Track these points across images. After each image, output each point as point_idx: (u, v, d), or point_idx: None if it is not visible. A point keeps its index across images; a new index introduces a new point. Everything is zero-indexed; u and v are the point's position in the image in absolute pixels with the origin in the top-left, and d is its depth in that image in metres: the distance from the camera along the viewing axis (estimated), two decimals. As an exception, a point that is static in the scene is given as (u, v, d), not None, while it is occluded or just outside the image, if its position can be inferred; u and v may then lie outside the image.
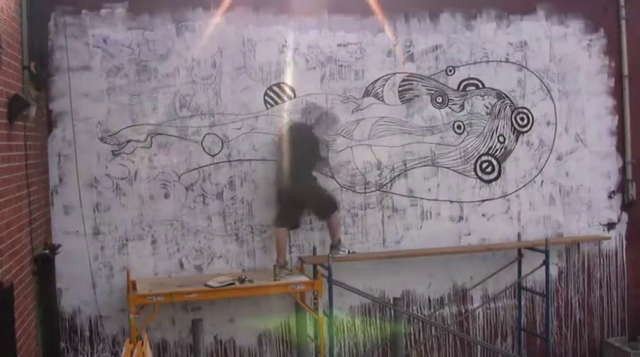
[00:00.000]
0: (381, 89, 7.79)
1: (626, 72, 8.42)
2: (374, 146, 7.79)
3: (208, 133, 7.37)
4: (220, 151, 7.40)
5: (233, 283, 6.88)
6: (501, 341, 8.29)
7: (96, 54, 7.09)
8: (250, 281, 6.95)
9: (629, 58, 8.41)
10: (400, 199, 7.89)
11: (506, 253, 8.08)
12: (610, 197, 8.50)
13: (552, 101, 8.27)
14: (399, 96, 7.85)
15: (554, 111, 8.28)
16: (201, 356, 6.82)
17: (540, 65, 8.21)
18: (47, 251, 6.48)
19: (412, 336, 8.04)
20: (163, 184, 7.29)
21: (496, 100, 8.11)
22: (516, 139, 8.19)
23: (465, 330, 8.18)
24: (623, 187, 8.52)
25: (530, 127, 8.21)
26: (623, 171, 8.52)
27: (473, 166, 8.08)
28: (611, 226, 8.52)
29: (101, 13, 7.09)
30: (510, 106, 8.16)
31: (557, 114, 8.29)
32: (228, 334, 7.51)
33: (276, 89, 7.53)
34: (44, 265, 6.32)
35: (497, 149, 8.15)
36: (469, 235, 8.08)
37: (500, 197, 8.16)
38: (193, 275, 7.31)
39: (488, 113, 8.09)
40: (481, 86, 8.06)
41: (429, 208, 7.97)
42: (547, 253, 7.66)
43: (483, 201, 8.12)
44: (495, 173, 8.15)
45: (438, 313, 8.05)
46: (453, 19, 7.98)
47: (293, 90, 7.57)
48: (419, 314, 7.95)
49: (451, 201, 8.03)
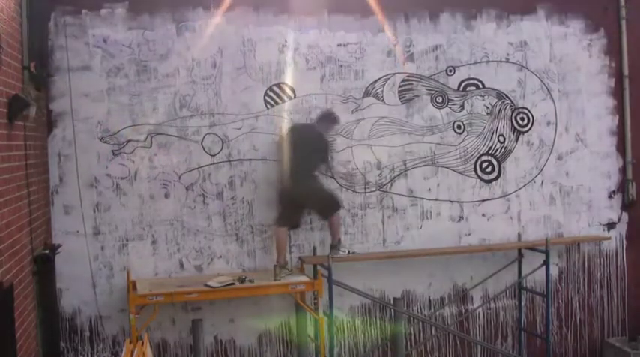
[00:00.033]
0: (381, 89, 7.79)
1: (626, 72, 8.42)
2: (374, 146, 7.80)
3: (208, 133, 7.37)
4: (220, 151, 7.40)
5: (233, 283, 6.88)
6: (501, 341, 8.29)
7: (96, 54, 7.09)
8: (250, 281, 6.95)
9: (629, 58, 8.41)
10: (400, 199, 7.89)
11: (506, 253, 8.08)
12: (610, 197, 8.50)
13: (552, 101, 8.27)
14: (399, 96, 7.85)
15: (555, 111, 8.28)
16: (201, 356, 6.82)
17: (540, 65, 8.21)
18: (47, 251, 6.47)
19: (412, 336, 8.03)
20: (163, 184, 7.29)
21: (496, 100, 8.11)
22: (516, 139, 8.19)
23: (465, 330, 8.18)
24: (623, 187, 8.52)
25: (531, 127, 8.21)
26: (623, 171, 8.52)
27: (473, 166, 8.08)
28: (611, 226, 8.52)
29: (101, 13, 7.09)
30: (510, 106, 8.15)
31: (558, 114, 8.28)
32: (228, 334, 7.51)
33: (276, 89, 7.53)
34: (44, 265, 6.32)
35: (497, 149, 8.15)
36: (469, 235, 8.08)
37: (501, 197, 8.16)
38: (193, 275, 7.31)
39: (488, 113, 8.09)
40: (481, 86, 8.06)
41: (429, 208, 7.97)
42: (547, 253, 7.66)
43: (483, 201, 8.12)
44: (495, 173, 8.15)
45: (438, 313, 8.05)
46: (453, 19, 7.98)
47: (293, 90, 7.57)
48: (419, 314, 7.95)
49: (451, 201, 8.03)
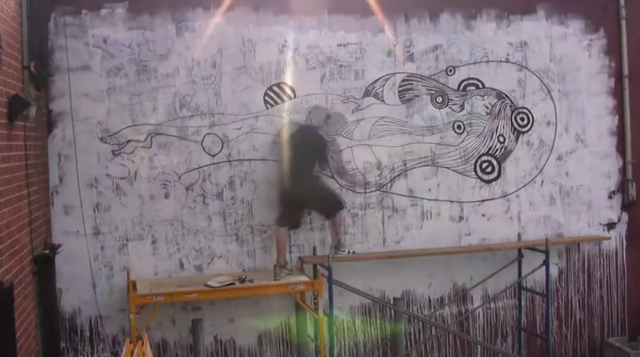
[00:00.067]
0: (381, 89, 7.78)
1: (626, 72, 8.42)
2: (374, 146, 7.79)
3: (208, 133, 7.36)
4: (220, 151, 7.40)
5: (233, 283, 6.88)
6: (501, 341, 8.29)
7: (96, 54, 7.09)
8: (250, 281, 6.95)
9: (629, 58, 8.41)
10: (400, 199, 7.89)
11: (506, 253, 8.07)
12: (610, 197, 8.50)
13: (552, 101, 8.27)
14: (399, 96, 7.85)
15: (555, 111, 8.28)
16: (201, 356, 6.82)
17: (540, 65, 8.21)
18: (47, 251, 6.47)
19: (412, 336, 8.03)
20: (163, 184, 7.29)
21: (496, 100, 8.10)
22: (516, 139, 8.19)
23: (465, 330, 8.18)
24: (623, 187, 8.52)
25: (531, 127, 8.21)
26: (623, 171, 8.51)
27: (473, 166, 8.08)
28: (611, 226, 8.52)
29: (101, 13, 7.09)
30: (510, 106, 8.15)
31: (558, 114, 8.28)
32: (228, 334, 7.51)
33: (276, 89, 7.53)
34: (44, 265, 6.32)
35: (497, 149, 8.15)
36: (469, 235, 8.08)
37: (501, 197, 8.16)
38: (193, 275, 7.31)
39: (488, 113, 8.09)
40: (481, 86, 8.05)
41: (429, 208, 7.97)
42: (547, 253, 7.66)
43: (483, 201, 8.12)
44: (495, 173, 8.15)
45: (438, 313, 8.05)
46: (453, 19, 7.97)
47: (293, 90, 7.56)
48: (419, 314, 7.95)
49: (451, 201, 8.03)
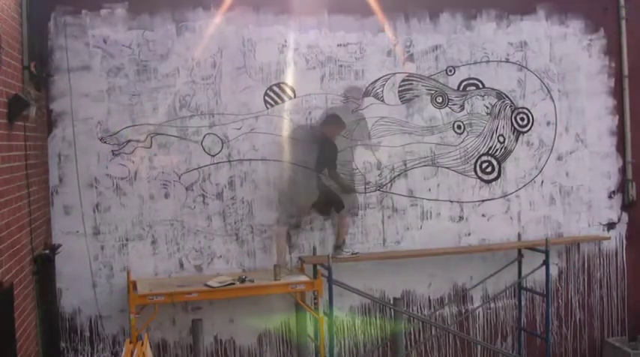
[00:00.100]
0: (381, 89, 7.78)
1: (626, 72, 8.42)
2: (374, 146, 7.79)
3: (208, 133, 7.36)
4: (220, 151, 7.40)
5: (233, 283, 6.88)
6: (501, 341, 8.28)
7: (96, 54, 7.09)
8: (250, 281, 6.95)
9: (629, 58, 8.41)
10: (400, 199, 7.89)
11: (506, 253, 8.07)
12: (610, 197, 8.50)
13: (552, 101, 8.27)
14: (399, 96, 7.84)
15: (555, 111, 8.28)
16: (201, 356, 6.82)
17: (540, 65, 8.21)
18: (47, 251, 6.48)
19: (412, 336, 8.03)
20: (163, 184, 7.29)
21: (496, 100, 8.10)
22: (516, 139, 8.19)
23: (465, 330, 8.18)
24: (623, 187, 8.52)
25: (531, 127, 8.21)
26: (623, 171, 8.51)
27: (473, 166, 8.08)
28: (611, 226, 8.52)
29: (101, 13, 7.09)
30: (510, 106, 8.15)
31: (558, 114, 8.28)
32: (228, 334, 7.51)
33: (276, 89, 7.53)
34: (44, 265, 6.32)
35: (497, 149, 8.15)
36: (469, 235, 8.07)
37: (501, 197, 8.16)
38: (193, 275, 7.31)
39: (488, 113, 8.09)
40: (481, 86, 8.05)
41: (429, 208, 7.97)
42: (547, 253, 7.66)
43: (483, 201, 8.12)
44: (495, 173, 8.15)
45: (438, 313, 8.05)
46: (453, 19, 7.97)
47: (293, 90, 7.56)
48: (419, 314, 7.95)
49: (451, 201, 8.03)
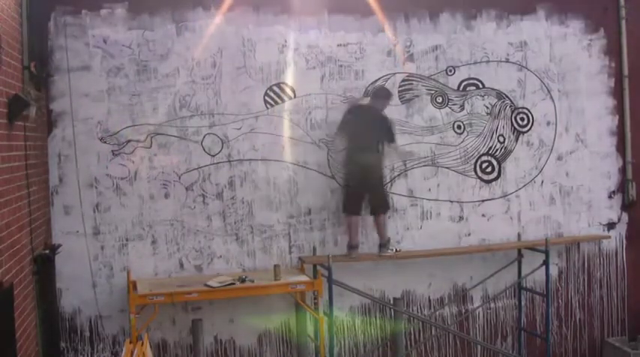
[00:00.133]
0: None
1: (626, 72, 8.42)
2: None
3: (208, 133, 7.36)
4: (220, 151, 7.40)
5: (233, 283, 6.88)
6: (501, 341, 8.28)
7: (96, 54, 7.09)
8: (250, 281, 6.95)
9: (629, 58, 8.41)
10: (400, 199, 7.89)
11: (506, 253, 8.07)
12: (610, 197, 8.50)
13: (552, 101, 8.27)
14: (399, 96, 7.84)
15: (555, 111, 8.28)
16: (201, 356, 6.82)
17: (540, 65, 8.21)
18: (47, 251, 6.48)
19: (412, 336, 8.03)
20: (163, 184, 7.29)
21: (496, 100, 8.10)
22: (516, 139, 8.18)
23: (465, 330, 8.18)
24: (623, 187, 8.52)
25: (530, 127, 8.21)
26: (623, 171, 8.51)
27: (473, 166, 8.08)
28: (611, 226, 8.51)
29: (101, 13, 7.09)
30: (510, 106, 8.15)
31: (557, 114, 8.28)
32: (228, 334, 7.50)
33: (276, 89, 7.53)
34: (44, 265, 6.32)
35: (497, 149, 8.15)
36: (469, 235, 8.07)
37: (501, 197, 8.16)
38: (193, 275, 7.31)
39: (488, 113, 8.09)
40: (481, 86, 8.05)
41: (429, 209, 7.97)
42: (547, 253, 7.66)
43: (483, 201, 8.12)
44: (495, 173, 8.15)
45: (438, 313, 8.05)
46: (453, 19, 7.97)
47: (293, 90, 7.56)
48: (419, 314, 7.95)
49: (451, 201, 8.03)
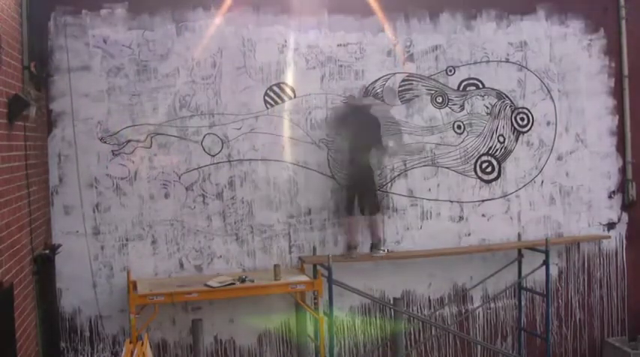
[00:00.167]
0: (380, 89, 7.78)
1: (626, 72, 8.42)
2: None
3: (208, 133, 7.36)
4: (220, 151, 7.40)
5: (233, 283, 6.88)
6: (501, 341, 8.28)
7: (96, 54, 7.09)
8: (250, 281, 6.95)
9: (629, 58, 8.41)
10: (400, 199, 7.89)
11: (506, 253, 8.07)
12: (610, 197, 8.50)
13: (552, 101, 8.27)
14: (399, 96, 7.84)
15: (555, 111, 8.28)
16: (201, 356, 6.82)
17: (540, 65, 8.21)
18: (47, 251, 6.48)
19: (412, 336, 8.03)
20: (163, 184, 7.29)
21: (496, 100, 8.10)
22: (516, 139, 8.19)
23: (465, 330, 8.18)
24: (623, 187, 8.52)
25: (530, 127, 8.21)
26: (623, 171, 8.51)
27: (473, 166, 8.08)
28: (611, 226, 8.51)
29: (101, 13, 7.09)
30: (510, 106, 8.15)
31: (558, 114, 8.28)
32: (228, 334, 7.50)
33: (276, 89, 7.53)
34: (44, 265, 6.32)
35: (497, 149, 8.15)
36: (469, 235, 8.07)
37: (501, 197, 8.16)
38: (193, 275, 7.31)
39: (488, 113, 8.09)
40: (481, 86, 8.05)
41: (429, 208, 7.97)
42: (547, 253, 7.66)
43: (483, 201, 8.12)
44: (495, 173, 8.15)
45: (438, 313, 8.05)
46: (453, 19, 7.97)
47: (293, 90, 7.56)
48: (419, 314, 7.95)
49: (451, 201, 8.03)
